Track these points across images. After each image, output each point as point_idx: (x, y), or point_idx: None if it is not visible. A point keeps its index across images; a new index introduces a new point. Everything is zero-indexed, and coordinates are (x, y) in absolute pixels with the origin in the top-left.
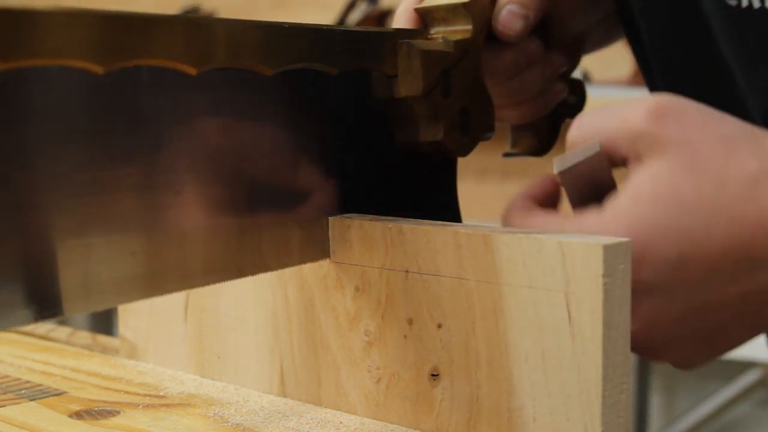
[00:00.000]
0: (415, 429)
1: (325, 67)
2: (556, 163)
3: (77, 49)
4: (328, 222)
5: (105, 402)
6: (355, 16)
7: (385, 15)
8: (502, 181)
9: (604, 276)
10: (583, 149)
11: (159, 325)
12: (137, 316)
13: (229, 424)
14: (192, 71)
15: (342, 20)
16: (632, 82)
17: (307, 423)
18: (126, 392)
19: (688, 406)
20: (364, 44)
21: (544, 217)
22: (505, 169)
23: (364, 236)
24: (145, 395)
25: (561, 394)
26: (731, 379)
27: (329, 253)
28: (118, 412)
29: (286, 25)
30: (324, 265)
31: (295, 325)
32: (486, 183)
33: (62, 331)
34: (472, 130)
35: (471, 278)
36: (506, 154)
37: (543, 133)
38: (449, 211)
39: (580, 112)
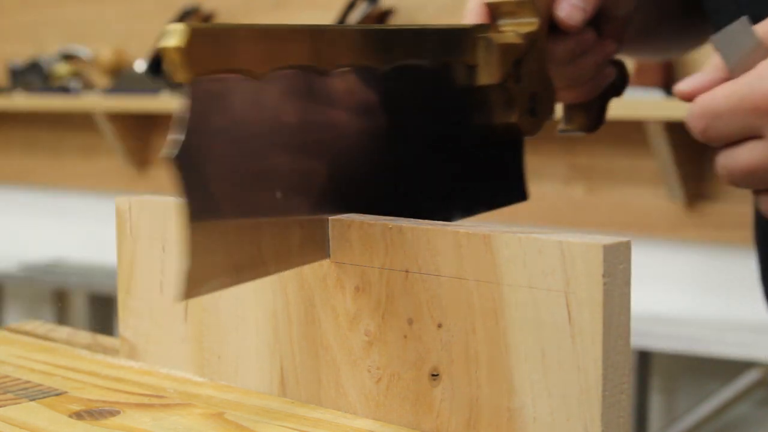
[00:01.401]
0: (415, 429)
1: (421, 61)
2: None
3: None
4: (328, 222)
5: (105, 402)
6: (355, 16)
7: (385, 15)
8: None
9: (604, 276)
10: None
11: (159, 325)
12: (137, 316)
13: (229, 425)
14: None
15: (342, 20)
16: (635, 82)
17: (307, 423)
18: (126, 392)
19: (688, 406)
20: (450, 39)
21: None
22: None
23: (364, 236)
24: (145, 395)
25: (561, 394)
26: (731, 379)
27: (329, 253)
28: (118, 412)
29: (389, 28)
30: (324, 265)
31: (295, 325)
32: None
33: (62, 331)
34: (539, 112)
35: (471, 278)
36: (562, 130)
37: (593, 112)
38: (518, 189)
39: (623, 92)
